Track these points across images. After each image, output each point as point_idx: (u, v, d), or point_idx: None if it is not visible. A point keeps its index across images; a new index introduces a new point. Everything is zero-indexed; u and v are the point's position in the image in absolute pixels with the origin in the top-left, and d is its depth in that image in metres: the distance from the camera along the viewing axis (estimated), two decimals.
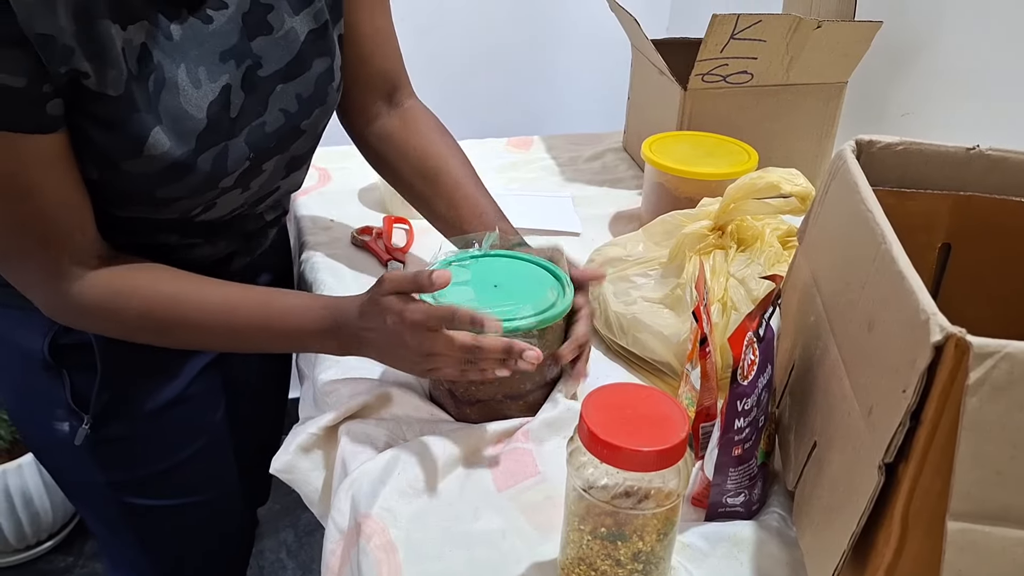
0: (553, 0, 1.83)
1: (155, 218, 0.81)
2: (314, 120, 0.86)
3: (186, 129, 0.74)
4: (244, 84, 0.78)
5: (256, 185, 0.85)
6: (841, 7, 1.21)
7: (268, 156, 0.83)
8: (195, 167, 0.76)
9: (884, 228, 0.60)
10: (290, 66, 0.81)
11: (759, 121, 1.22)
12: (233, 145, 0.78)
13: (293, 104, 0.82)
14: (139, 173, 0.74)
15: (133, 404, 0.92)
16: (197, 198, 0.79)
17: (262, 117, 0.80)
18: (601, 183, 1.34)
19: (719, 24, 1.11)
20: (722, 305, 0.85)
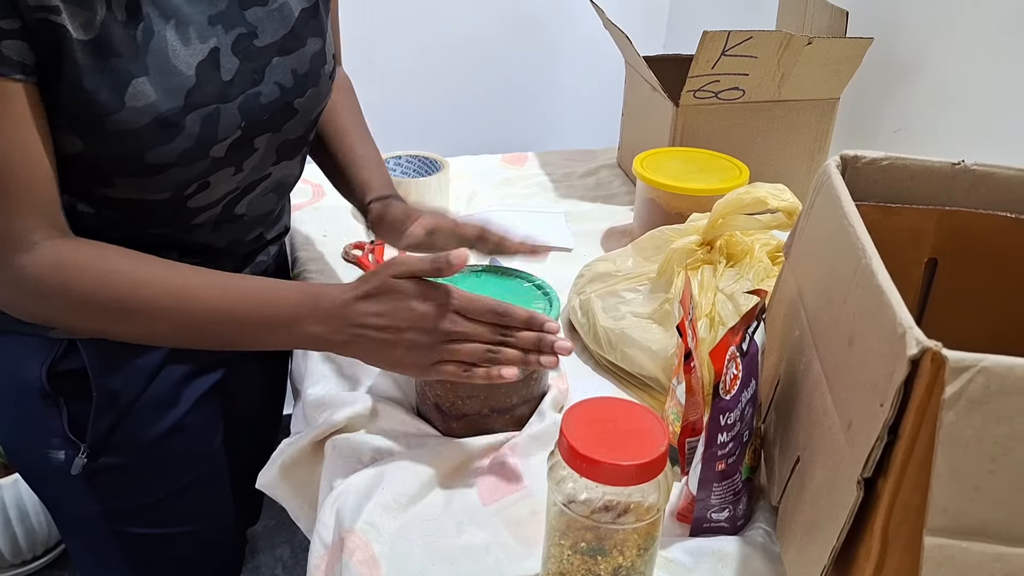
0: (548, 17, 1.84)
1: (149, 201, 0.78)
2: (307, 101, 0.85)
3: (174, 84, 0.72)
4: (237, 51, 0.77)
5: (248, 167, 0.83)
6: (832, 24, 1.21)
7: (260, 130, 0.81)
8: (184, 126, 0.74)
9: (865, 243, 0.60)
10: (286, 40, 0.81)
11: (751, 137, 1.23)
12: (225, 110, 0.77)
13: (289, 79, 0.82)
14: (126, 131, 0.71)
15: (131, 433, 0.90)
16: (188, 168, 0.76)
17: (258, 87, 0.79)
18: (594, 199, 1.34)
19: (710, 41, 1.12)
20: (710, 320, 0.85)
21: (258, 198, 0.89)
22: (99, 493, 0.92)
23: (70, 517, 0.98)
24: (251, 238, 0.94)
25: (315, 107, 0.88)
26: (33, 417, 0.88)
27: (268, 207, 0.93)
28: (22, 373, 0.86)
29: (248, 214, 0.89)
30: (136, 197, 0.78)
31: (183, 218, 0.83)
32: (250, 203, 0.89)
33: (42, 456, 0.89)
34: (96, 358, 0.85)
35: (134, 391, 0.88)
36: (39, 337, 0.85)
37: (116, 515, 0.94)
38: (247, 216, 0.90)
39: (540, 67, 1.89)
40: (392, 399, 0.86)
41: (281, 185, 0.92)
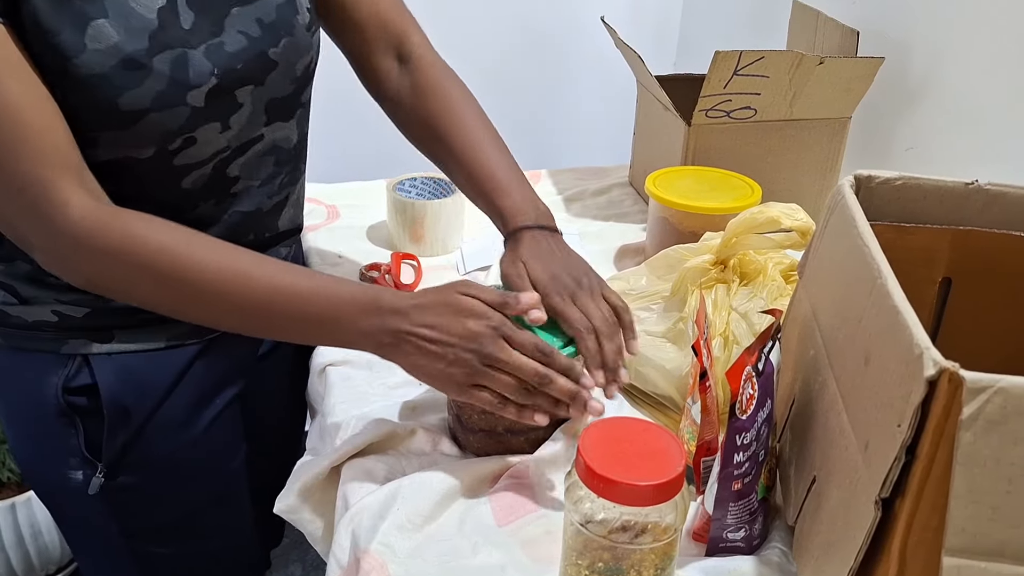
0: (560, 36, 1.86)
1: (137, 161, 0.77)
2: (284, 52, 0.83)
3: (136, 26, 0.72)
4: (191, 3, 0.76)
5: (236, 125, 0.82)
6: (844, 43, 1.22)
7: (240, 82, 0.80)
8: (152, 68, 0.73)
9: (880, 263, 0.60)
10: None
11: (763, 156, 1.23)
12: (193, 56, 0.75)
13: (254, 28, 0.81)
14: (92, 75, 0.70)
15: (147, 451, 0.90)
16: (166, 114, 0.75)
17: (219, 38, 0.78)
18: (607, 217, 1.35)
19: (722, 60, 1.13)
20: (724, 339, 0.85)
21: (253, 160, 0.86)
22: (116, 512, 0.92)
23: (86, 536, 0.98)
24: (255, 219, 0.90)
25: (296, 59, 0.85)
26: (50, 437, 0.88)
27: (266, 173, 0.89)
28: (38, 392, 0.86)
29: (243, 177, 0.86)
30: (121, 156, 0.77)
31: (172, 180, 0.81)
32: (244, 166, 0.86)
33: (60, 476, 0.90)
34: (108, 374, 0.86)
35: (148, 408, 0.88)
36: (52, 353, 0.85)
37: (133, 534, 0.95)
38: (242, 180, 0.86)
39: (552, 85, 1.90)
40: (408, 420, 0.87)
41: (277, 149, 0.89)
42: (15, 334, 0.85)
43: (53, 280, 0.80)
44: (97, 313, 0.84)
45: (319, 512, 0.84)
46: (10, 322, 0.85)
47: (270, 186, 0.90)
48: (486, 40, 1.81)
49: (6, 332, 0.86)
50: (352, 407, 0.90)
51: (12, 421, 0.93)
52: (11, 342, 0.86)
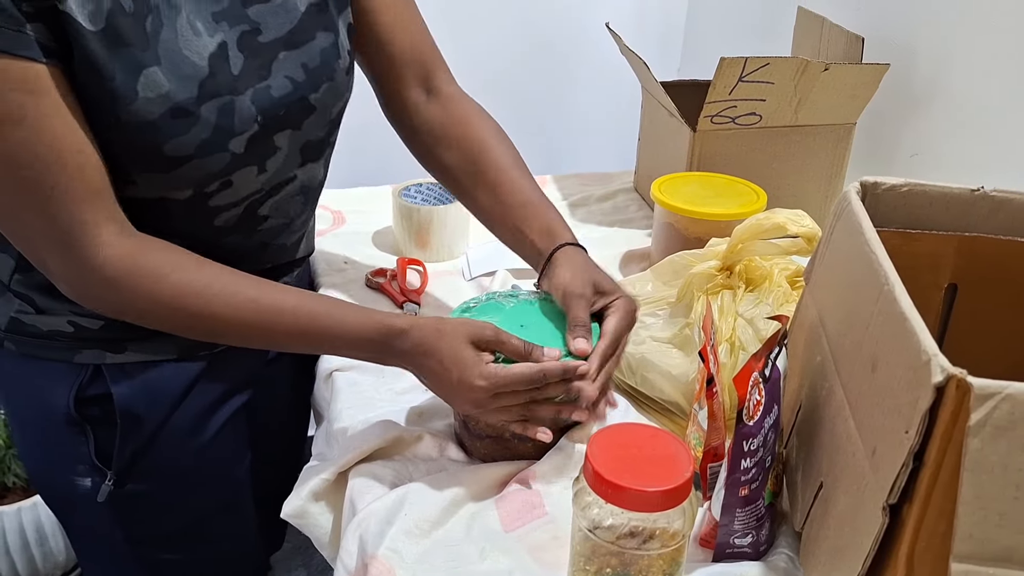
0: (565, 42, 1.86)
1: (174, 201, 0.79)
2: (324, 96, 0.85)
3: (187, 74, 0.73)
4: (242, 46, 0.78)
5: (272, 168, 0.83)
6: (849, 50, 1.22)
7: (279, 127, 0.82)
8: (199, 116, 0.74)
9: (887, 269, 0.60)
10: (292, 34, 0.81)
11: (768, 162, 1.23)
12: (239, 102, 0.77)
13: (299, 73, 0.82)
14: (142, 123, 0.72)
15: (156, 459, 0.90)
16: (207, 160, 0.77)
17: (267, 81, 0.80)
18: (612, 223, 1.35)
19: (727, 67, 1.13)
20: (730, 345, 0.86)
21: (284, 200, 0.88)
22: (124, 519, 0.93)
23: (93, 543, 0.98)
24: (278, 250, 0.93)
25: (333, 104, 0.87)
26: (60, 444, 0.89)
27: (294, 212, 0.91)
28: (49, 400, 0.87)
29: (272, 216, 0.88)
30: (159, 195, 0.78)
31: (205, 219, 0.83)
32: (274, 206, 0.88)
33: (68, 483, 0.90)
34: (121, 383, 0.86)
35: (159, 416, 0.89)
36: (65, 363, 0.85)
37: (139, 541, 0.95)
38: (271, 219, 0.88)
39: (558, 91, 1.91)
40: (415, 425, 0.87)
41: (306, 188, 0.91)
42: (30, 342, 0.86)
43: None
44: (112, 325, 0.84)
45: (326, 517, 0.85)
46: (25, 331, 0.85)
47: (296, 223, 0.93)
48: (492, 46, 1.82)
49: (21, 340, 0.86)
50: (359, 412, 0.90)
51: (22, 427, 0.93)
52: (25, 350, 0.86)
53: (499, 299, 0.87)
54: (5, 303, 0.85)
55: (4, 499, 1.66)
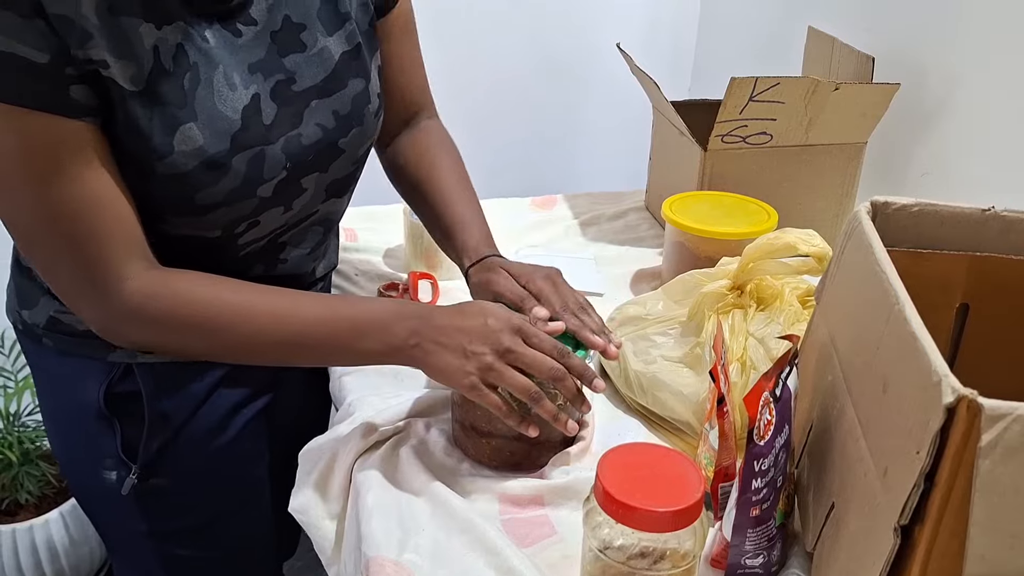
0: (576, 61, 1.87)
1: (203, 237, 0.82)
2: (352, 140, 0.88)
3: (221, 128, 0.77)
4: (275, 96, 0.81)
5: (298, 206, 0.87)
6: (859, 69, 1.22)
7: (306, 171, 0.85)
8: (230, 167, 0.78)
9: (897, 289, 0.60)
10: (326, 83, 0.85)
11: (779, 181, 1.24)
12: (269, 151, 0.81)
13: (330, 120, 0.85)
14: (176, 174, 0.75)
15: (180, 456, 0.94)
16: (237, 206, 0.81)
17: (298, 129, 0.83)
18: (623, 242, 1.36)
19: (738, 87, 1.14)
20: (741, 365, 0.86)
21: (304, 231, 0.93)
22: (146, 513, 0.95)
23: (117, 536, 1.02)
24: (298, 278, 0.97)
25: (360, 146, 0.91)
26: (89, 437, 0.92)
27: (314, 241, 0.96)
28: (81, 394, 0.90)
29: (290, 244, 0.93)
30: (187, 234, 0.82)
31: (232, 252, 0.87)
32: (294, 235, 0.92)
33: (95, 475, 0.93)
34: (151, 381, 0.90)
35: (185, 415, 0.92)
36: (99, 360, 0.89)
37: (161, 536, 0.98)
38: (290, 247, 0.93)
39: (569, 110, 1.92)
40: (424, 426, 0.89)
41: (327, 220, 0.96)
42: (67, 340, 0.89)
43: None
44: None
45: (328, 523, 0.86)
46: (63, 329, 0.89)
47: (316, 252, 0.98)
48: (503, 65, 1.83)
49: (59, 338, 0.90)
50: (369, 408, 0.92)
51: (56, 422, 0.97)
52: (62, 347, 0.90)
53: None
54: (45, 303, 0.89)
55: (17, 516, 1.67)
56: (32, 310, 0.90)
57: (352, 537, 0.82)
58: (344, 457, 0.85)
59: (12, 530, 1.64)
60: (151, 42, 0.72)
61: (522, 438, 0.82)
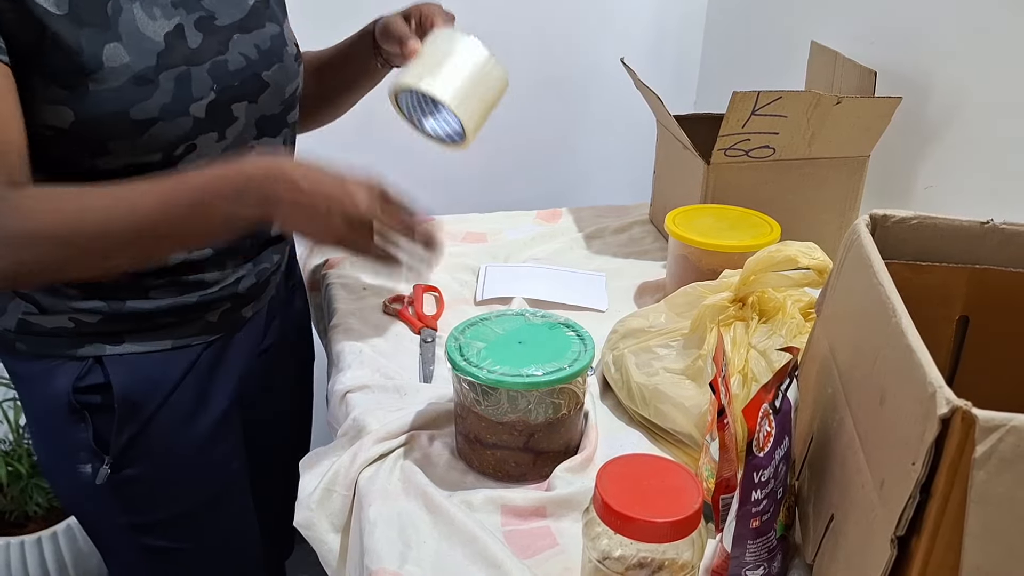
0: (580, 75, 1.88)
1: (143, 165, 0.84)
2: (275, 75, 0.95)
3: (144, 48, 0.83)
4: (200, 27, 0.88)
5: (231, 136, 0.92)
6: (862, 83, 1.23)
7: (235, 98, 0.91)
8: (158, 83, 0.83)
9: (895, 302, 0.61)
10: (243, 21, 0.93)
11: (782, 195, 1.24)
12: (196, 72, 0.86)
13: (253, 52, 0.93)
14: (108, 89, 0.80)
15: (152, 445, 0.96)
16: (171, 124, 0.84)
17: (224, 56, 0.90)
18: (627, 255, 1.36)
19: (740, 101, 1.14)
20: (743, 377, 0.86)
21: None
22: (124, 505, 0.98)
23: (100, 530, 1.05)
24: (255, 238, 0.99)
25: (285, 82, 0.97)
26: (62, 433, 0.95)
27: None
28: (52, 391, 0.93)
29: None
30: (130, 162, 0.85)
31: None
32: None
33: (72, 470, 0.96)
34: (120, 372, 0.93)
35: (154, 405, 0.95)
36: (68, 357, 0.92)
37: (142, 528, 1.00)
38: None
39: (572, 123, 1.93)
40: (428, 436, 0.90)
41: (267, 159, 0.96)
42: (36, 341, 0.93)
43: (68, 290, 0.90)
44: (109, 319, 0.92)
45: (333, 537, 0.87)
46: (32, 330, 0.92)
47: (278, 239, 1.01)
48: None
49: (29, 340, 0.93)
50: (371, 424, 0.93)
51: (33, 422, 1.00)
52: (33, 349, 0.93)
53: (504, 317, 0.92)
54: (13, 307, 0.92)
55: (26, 528, 1.68)
56: (2, 316, 0.93)
57: (356, 550, 0.82)
58: (348, 470, 0.86)
59: (21, 542, 1.65)
60: None
61: (526, 449, 0.83)
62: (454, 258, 1.31)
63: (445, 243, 0.86)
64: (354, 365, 1.05)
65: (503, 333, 0.88)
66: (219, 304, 0.98)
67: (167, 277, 0.93)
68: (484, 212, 1.52)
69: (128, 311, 0.93)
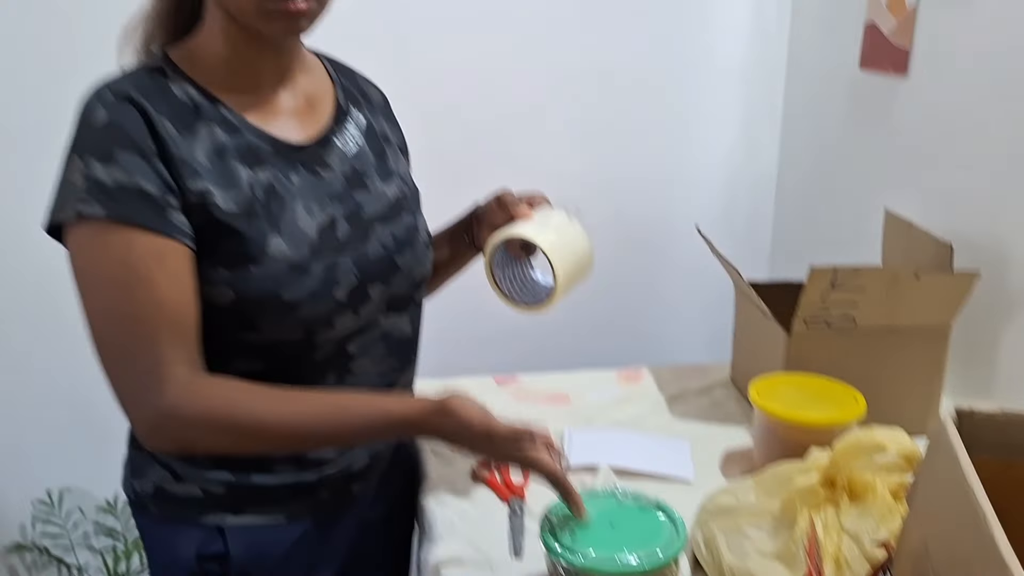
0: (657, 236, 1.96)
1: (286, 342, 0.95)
2: (407, 260, 1.05)
3: (301, 240, 0.94)
4: (349, 219, 1.00)
5: (364, 313, 1.01)
6: (938, 256, 1.26)
7: (372, 280, 1.00)
8: (310, 270, 0.94)
9: (985, 510, 0.62)
10: (386, 213, 1.04)
11: (864, 364, 1.26)
12: (342, 261, 0.97)
13: (390, 241, 1.04)
14: (267, 276, 0.91)
15: None
16: (316, 305, 0.95)
17: (366, 245, 1.01)
18: (710, 419, 1.38)
19: (818, 276, 1.18)
20: (836, 563, 0.87)
21: (369, 342, 1.04)
22: None
23: None
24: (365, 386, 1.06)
25: (416, 266, 1.07)
26: None
27: (378, 355, 1.06)
28: (177, 555, 1.01)
29: (358, 356, 1.03)
30: (274, 338, 0.95)
31: (308, 355, 0.98)
32: (361, 345, 1.03)
33: None
34: (238, 541, 1.00)
35: (265, 574, 1.01)
36: (193, 523, 1.00)
37: None
38: (358, 358, 1.03)
39: (650, 283, 1.99)
40: None
41: (389, 337, 1.07)
42: (167, 506, 1.01)
43: (201, 459, 0.99)
44: (234, 490, 1.00)
45: None
46: (165, 495, 1.01)
47: (381, 367, 1.07)
48: None
49: (161, 505, 1.01)
50: None
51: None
52: (164, 513, 1.01)
53: (597, 497, 0.95)
54: (152, 472, 1.01)
55: None
56: (141, 480, 1.02)
57: None
58: None
59: None
60: (247, 180, 0.93)
61: None
62: (538, 422, 1.35)
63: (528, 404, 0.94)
64: (445, 536, 1.08)
65: (595, 514, 0.90)
66: (333, 482, 1.05)
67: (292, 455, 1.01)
68: (564, 371, 1.56)
69: (252, 484, 1.00)
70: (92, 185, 0.85)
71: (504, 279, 1.13)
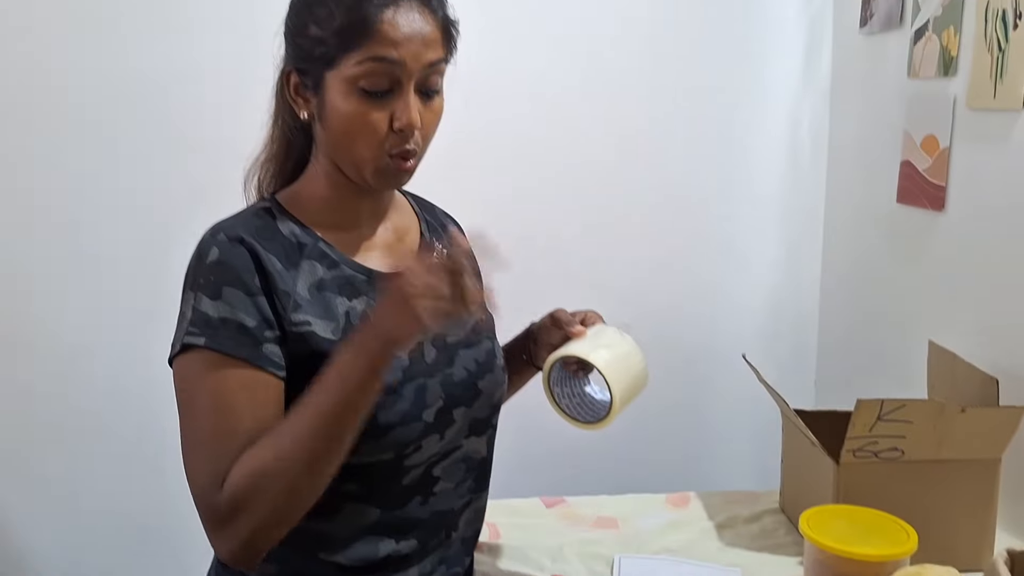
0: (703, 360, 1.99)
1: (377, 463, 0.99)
2: (487, 383, 1.11)
3: (394, 364, 0.96)
4: (434, 344, 1.06)
5: (448, 436, 1.05)
6: (984, 390, 1.28)
7: (456, 403, 1.05)
8: (402, 393, 0.99)
9: None
10: (467, 339, 1.11)
11: (914, 496, 1.26)
12: (430, 383, 1.03)
13: (472, 365, 1.09)
14: None
15: None
16: (407, 428, 0.99)
17: (451, 369, 1.06)
18: (761, 548, 1.38)
19: (865, 408, 1.21)
20: None
21: (451, 465, 1.09)
22: None
23: None
24: (447, 518, 1.09)
25: (494, 389, 1.12)
26: None
27: (458, 477, 1.10)
28: None
29: (442, 479, 1.07)
30: (367, 460, 0.99)
31: (397, 478, 1.03)
32: (445, 468, 1.08)
33: None
34: None
35: None
36: None
37: None
38: (442, 481, 1.07)
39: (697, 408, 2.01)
40: None
41: (469, 458, 1.11)
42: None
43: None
44: None
45: None
46: None
47: (460, 489, 1.11)
48: None
49: None
50: None
51: None
52: None
53: None
54: None
55: None
56: None
57: None
58: None
59: None
60: (344, 309, 1.01)
61: None
62: (586, 546, 1.36)
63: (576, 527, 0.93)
64: None
65: None
66: None
67: (377, 573, 1.04)
68: (611, 494, 1.57)
69: None
70: (199, 317, 0.94)
71: (563, 396, 1.17)
